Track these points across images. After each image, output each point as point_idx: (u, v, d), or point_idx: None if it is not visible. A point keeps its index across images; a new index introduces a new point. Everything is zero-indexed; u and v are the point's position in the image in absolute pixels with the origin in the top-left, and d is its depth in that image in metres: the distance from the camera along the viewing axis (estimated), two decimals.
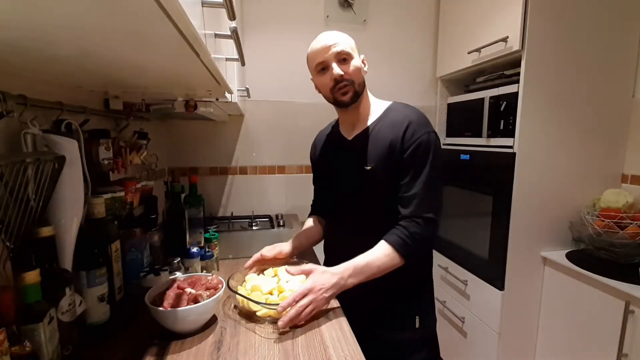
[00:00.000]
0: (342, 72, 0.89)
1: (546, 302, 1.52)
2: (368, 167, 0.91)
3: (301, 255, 1.09)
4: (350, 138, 0.99)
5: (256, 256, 1.01)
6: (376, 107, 0.98)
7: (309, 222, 1.16)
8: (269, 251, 1.03)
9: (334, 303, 0.92)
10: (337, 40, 0.89)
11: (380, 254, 0.85)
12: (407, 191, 0.87)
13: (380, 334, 0.94)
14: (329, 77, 0.90)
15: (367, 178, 0.92)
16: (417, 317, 0.95)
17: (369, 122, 0.96)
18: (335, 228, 1.07)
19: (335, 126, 1.07)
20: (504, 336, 1.52)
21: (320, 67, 0.92)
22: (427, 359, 0.97)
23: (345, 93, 0.91)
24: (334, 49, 0.88)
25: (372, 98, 1.00)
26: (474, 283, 1.67)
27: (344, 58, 0.89)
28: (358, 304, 0.93)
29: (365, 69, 0.95)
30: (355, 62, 0.91)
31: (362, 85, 0.94)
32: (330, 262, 1.10)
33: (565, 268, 1.40)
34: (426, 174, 0.87)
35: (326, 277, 0.83)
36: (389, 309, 0.96)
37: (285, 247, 1.06)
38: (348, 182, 0.97)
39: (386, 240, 0.86)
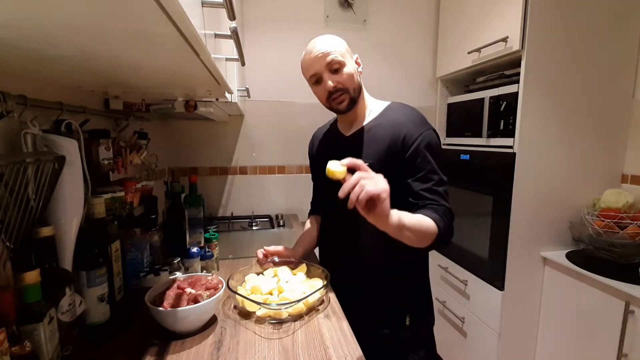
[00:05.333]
0: (334, 84, 0.89)
1: (546, 302, 1.52)
2: (366, 163, 0.91)
3: (305, 258, 1.09)
4: (348, 135, 1.00)
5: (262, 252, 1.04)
6: (374, 106, 0.99)
7: (307, 225, 1.17)
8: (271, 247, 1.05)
9: (334, 303, 0.92)
10: (328, 49, 0.88)
11: (424, 221, 0.77)
12: (425, 182, 0.85)
13: (373, 329, 0.94)
14: (323, 88, 0.91)
15: None
16: (407, 315, 0.95)
17: (367, 120, 0.97)
18: (331, 224, 1.07)
19: (334, 124, 1.08)
20: (504, 336, 1.52)
21: (314, 79, 0.92)
22: (424, 359, 0.96)
23: (341, 102, 0.92)
24: (326, 60, 0.88)
25: (368, 96, 1.01)
26: (474, 283, 1.67)
27: (336, 68, 0.89)
28: (354, 299, 0.94)
29: (360, 69, 0.95)
30: (348, 68, 0.90)
31: (358, 90, 0.94)
32: (324, 258, 1.10)
33: (565, 268, 1.40)
34: (437, 170, 0.87)
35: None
36: (381, 305, 0.96)
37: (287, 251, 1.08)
38: None
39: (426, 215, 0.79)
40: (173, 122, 1.86)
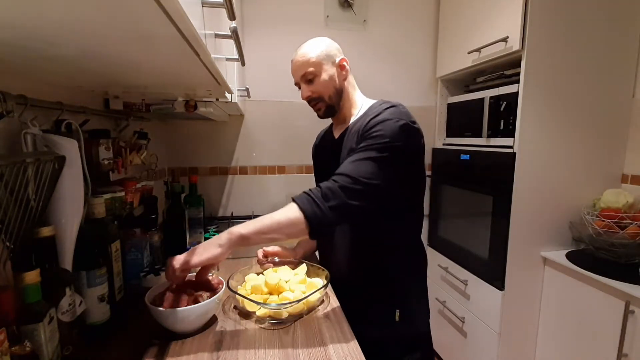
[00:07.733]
0: (308, 94, 0.95)
1: (546, 302, 1.52)
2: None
3: (306, 259, 1.09)
4: (337, 137, 1.01)
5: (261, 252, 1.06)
6: (363, 105, 0.98)
7: None
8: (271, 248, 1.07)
9: (334, 303, 0.92)
10: (301, 60, 0.93)
11: (282, 209, 0.78)
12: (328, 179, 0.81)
13: (366, 330, 0.87)
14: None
15: None
16: (397, 310, 0.92)
17: (352, 120, 0.97)
18: None
19: (331, 125, 1.10)
20: (504, 336, 1.52)
21: (298, 86, 0.98)
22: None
23: (318, 109, 0.98)
24: (300, 72, 0.94)
25: (359, 97, 1.00)
26: (474, 283, 1.67)
27: (310, 78, 0.93)
28: (350, 300, 0.93)
29: (343, 72, 0.96)
30: (321, 79, 0.93)
31: (337, 95, 0.96)
32: (323, 258, 1.11)
33: (565, 268, 1.40)
34: (367, 154, 0.79)
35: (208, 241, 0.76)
36: (371, 304, 0.94)
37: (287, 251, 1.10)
38: None
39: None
40: (173, 122, 1.85)
